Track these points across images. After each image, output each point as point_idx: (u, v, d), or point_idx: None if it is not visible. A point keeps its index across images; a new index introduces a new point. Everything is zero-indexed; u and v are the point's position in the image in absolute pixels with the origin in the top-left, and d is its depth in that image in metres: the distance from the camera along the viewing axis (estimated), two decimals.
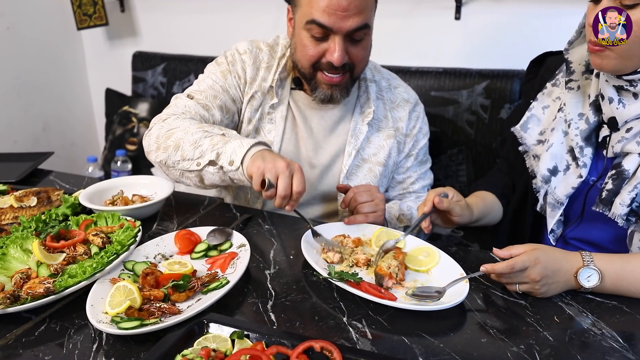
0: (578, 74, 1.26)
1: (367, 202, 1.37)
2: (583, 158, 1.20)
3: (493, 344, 0.96)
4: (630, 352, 0.94)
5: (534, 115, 1.33)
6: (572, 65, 1.26)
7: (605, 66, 1.10)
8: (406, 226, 1.52)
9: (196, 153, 1.27)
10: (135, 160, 2.75)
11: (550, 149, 1.25)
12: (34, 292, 1.03)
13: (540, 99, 1.33)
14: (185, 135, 1.28)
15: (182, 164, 1.30)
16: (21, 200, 1.46)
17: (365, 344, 0.96)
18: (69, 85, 3.10)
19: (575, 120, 1.22)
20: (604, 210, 1.17)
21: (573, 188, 1.22)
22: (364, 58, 1.44)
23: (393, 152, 1.57)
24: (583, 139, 1.21)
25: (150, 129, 1.39)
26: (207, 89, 1.50)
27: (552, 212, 1.26)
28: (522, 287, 1.08)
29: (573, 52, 1.26)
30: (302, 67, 1.44)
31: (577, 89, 1.25)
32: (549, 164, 1.25)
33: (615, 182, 1.15)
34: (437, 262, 1.17)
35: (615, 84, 1.14)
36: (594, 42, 1.09)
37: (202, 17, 2.78)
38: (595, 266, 1.07)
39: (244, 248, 1.21)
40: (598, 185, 1.20)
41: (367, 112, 1.53)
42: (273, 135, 1.52)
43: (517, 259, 1.06)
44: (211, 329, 0.94)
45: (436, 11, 2.26)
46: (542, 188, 1.27)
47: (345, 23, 1.31)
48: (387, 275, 1.09)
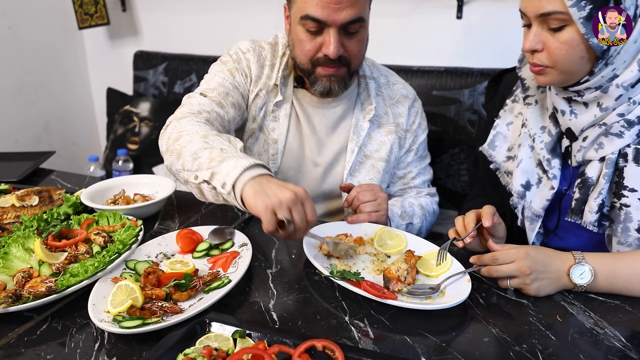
0: (533, 89, 1.29)
1: (370, 201, 1.37)
2: (552, 170, 1.22)
3: (495, 343, 0.96)
4: (633, 352, 0.93)
5: (500, 132, 1.35)
6: (526, 81, 1.30)
7: (550, 82, 1.14)
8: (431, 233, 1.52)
9: (194, 165, 1.17)
10: (137, 160, 2.75)
11: (520, 165, 1.27)
12: (36, 291, 1.03)
13: (503, 116, 1.35)
14: (189, 144, 1.20)
15: (183, 173, 1.21)
16: (23, 200, 1.46)
17: (367, 343, 0.96)
18: (70, 85, 3.10)
19: (539, 134, 1.25)
20: (575, 219, 1.19)
21: (547, 200, 1.23)
22: (360, 51, 1.45)
23: (394, 147, 1.58)
24: (549, 151, 1.23)
25: (165, 129, 1.33)
26: (217, 86, 1.47)
27: (531, 225, 1.27)
28: (512, 282, 1.09)
29: (525, 69, 1.29)
30: (301, 63, 1.45)
31: (536, 104, 1.27)
32: (522, 179, 1.27)
33: (582, 191, 1.17)
34: (448, 267, 1.16)
35: (565, 96, 1.17)
36: (533, 64, 1.14)
37: (204, 16, 2.78)
38: (588, 263, 1.07)
39: (245, 247, 1.21)
40: (569, 193, 1.22)
41: (369, 109, 1.54)
42: (277, 133, 1.53)
43: (502, 252, 1.09)
44: (213, 328, 0.94)
45: (438, 10, 2.26)
46: (519, 204, 1.29)
47: (338, 15, 1.33)
48: (394, 278, 1.09)
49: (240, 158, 1.12)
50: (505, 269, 1.08)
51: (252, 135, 1.54)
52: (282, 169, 1.54)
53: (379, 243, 1.27)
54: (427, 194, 1.65)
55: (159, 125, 2.72)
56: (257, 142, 1.54)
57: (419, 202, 1.59)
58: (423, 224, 1.57)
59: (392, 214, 1.48)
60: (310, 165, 1.55)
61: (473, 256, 1.13)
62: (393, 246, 1.26)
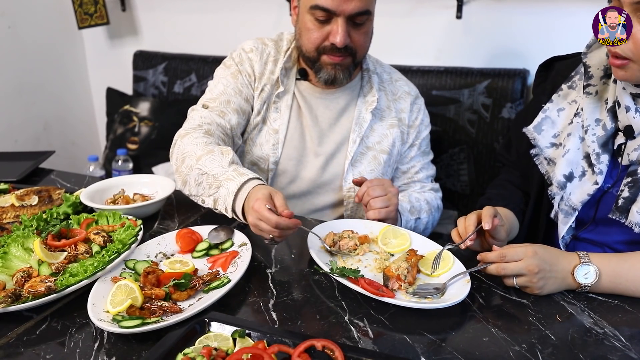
0: (596, 78, 1.23)
1: (380, 196, 1.37)
2: (599, 165, 1.19)
3: (495, 343, 0.96)
4: (632, 351, 0.93)
5: (549, 117, 1.30)
6: (590, 69, 1.23)
7: (629, 77, 1.09)
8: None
9: (199, 191, 1.31)
10: (136, 160, 2.75)
11: (566, 155, 1.23)
12: (35, 290, 1.03)
13: (556, 101, 1.30)
14: (190, 171, 1.32)
15: (192, 198, 1.36)
16: (22, 199, 1.46)
17: (366, 342, 0.96)
18: (70, 85, 3.10)
19: (593, 127, 1.20)
20: (620, 218, 1.16)
21: (589, 195, 1.20)
22: (365, 43, 1.49)
23: (397, 141, 1.60)
24: (600, 146, 1.19)
25: (173, 147, 1.44)
26: (219, 95, 1.53)
27: (565, 218, 1.24)
28: (519, 281, 1.08)
29: (591, 56, 1.23)
30: (307, 51, 1.48)
31: (595, 94, 1.22)
32: (565, 170, 1.23)
33: (631, 190, 1.14)
34: (449, 267, 1.16)
35: (633, 92, 1.13)
36: (614, 54, 1.07)
37: (203, 16, 2.77)
38: (592, 263, 1.07)
39: (245, 247, 1.21)
40: (613, 192, 1.19)
41: (371, 101, 1.57)
42: (278, 124, 1.56)
43: (510, 249, 1.08)
44: (212, 328, 0.94)
45: (437, 10, 2.26)
46: (558, 194, 1.25)
47: (347, 6, 1.37)
48: (394, 277, 1.09)
49: (231, 180, 1.24)
50: (513, 267, 1.07)
51: (256, 127, 1.57)
52: (283, 159, 1.57)
53: (383, 242, 1.27)
54: (431, 189, 1.66)
55: (159, 125, 2.73)
56: (260, 133, 1.57)
57: (425, 197, 1.60)
58: (430, 219, 1.59)
59: (401, 208, 1.48)
60: (311, 155, 1.58)
61: (480, 253, 1.11)
62: (397, 245, 1.26)
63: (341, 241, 1.24)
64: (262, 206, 1.13)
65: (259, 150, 1.56)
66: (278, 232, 1.14)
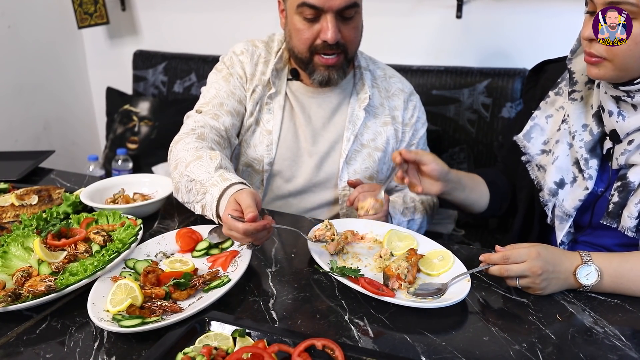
0: (581, 84, 1.24)
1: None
2: (588, 170, 1.19)
3: (495, 342, 0.96)
4: (633, 350, 0.93)
5: (537, 124, 1.31)
6: (574, 75, 1.24)
7: (603, 76, 1.10)
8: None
9: (190, 198, 1.29)
10: (136, 159, 2.75)
11: (556, 162, 1.24)
12: (35, 290, 1.02)
13: (544, 108, 1.31)
14: (181, 178, 1.31)
15: (185, 204, 1.33)
16: (22, 199, 1.46)
17: (366, 342, 0.96)
18: (70, 84, 3.10)
19: (580, 132, 1.21)
20: (611, 223, 1.16)
21: (580, 200, 1.21)
22: (356, 37, 1.49)
23: (391, 139, 1.60)
24: (588, 151, 1.20)
25: (169, 153, 1.43)
26: (212, 99, 1.53)
27: (561, 224, 1.25)
28: (522, 282, 1.08)
29: (575, 61, 1.24)
30: (299, 53, 1.48)
31: (580, 100, 1.23)
32: (556, 176, 1.24)
33: (621, 195, 1.14)
34: (450, 266, 1.16)
35: (614, 95, 1.13)
36: (589, 54, 1.09)
37: (203, 15, 2.77)
38: (594, 264, 1.07)
39: (245, 246, 1.21)
40: (607, 195, 1.19)
41: (363, 98, 1.56)
42: (272, 124, 1.56)
43: (514, 251, 1.07)
44: (213, 327, 0.94)
45: (437, 9, 2.26)
46: (550, 201, 1.26)
47: (334, 1, 1.37)
48: (394, 276, 1.09)
49: (214, 186, 1.21)
50: (516, 268, 1.06)
51: (250, 128, 1.56)
52: (277, 159, 1.57)
53: (389, 246, 1.26)
54: None
55: (159, 125, 2.73)
56: (253, 135, 1.57)
57: (420, 197, 1.59)
58: (424, 219, 1.58)
59: (393, 210, 1.48)
60: (305, 155, 1.57)
61: (483, 254, 1.11)
62: (403, 248, 1.24)
63: (317, 231, 1.22)
64: (226, 216, 1.10)
65: (253, 152, 1.56)
66: (250, 238, 1.11)
